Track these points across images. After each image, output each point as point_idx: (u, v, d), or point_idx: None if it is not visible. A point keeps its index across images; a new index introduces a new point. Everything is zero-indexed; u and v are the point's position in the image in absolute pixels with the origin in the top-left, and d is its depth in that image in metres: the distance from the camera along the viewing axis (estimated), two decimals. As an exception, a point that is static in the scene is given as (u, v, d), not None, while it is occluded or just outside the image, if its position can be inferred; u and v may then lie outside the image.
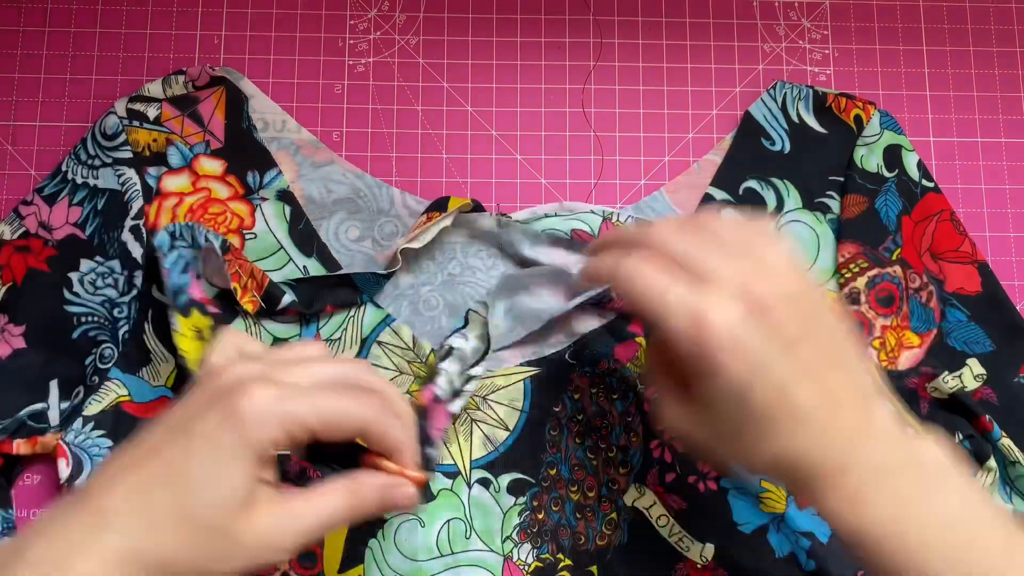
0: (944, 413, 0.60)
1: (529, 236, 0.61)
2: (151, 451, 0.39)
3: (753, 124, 0.65)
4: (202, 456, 0.38)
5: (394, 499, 0.43)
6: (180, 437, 0.39)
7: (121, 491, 0.38)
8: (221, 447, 0.38)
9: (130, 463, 0.39)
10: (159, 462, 0.39)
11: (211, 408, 0.39)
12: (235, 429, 0.38)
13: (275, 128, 0.64)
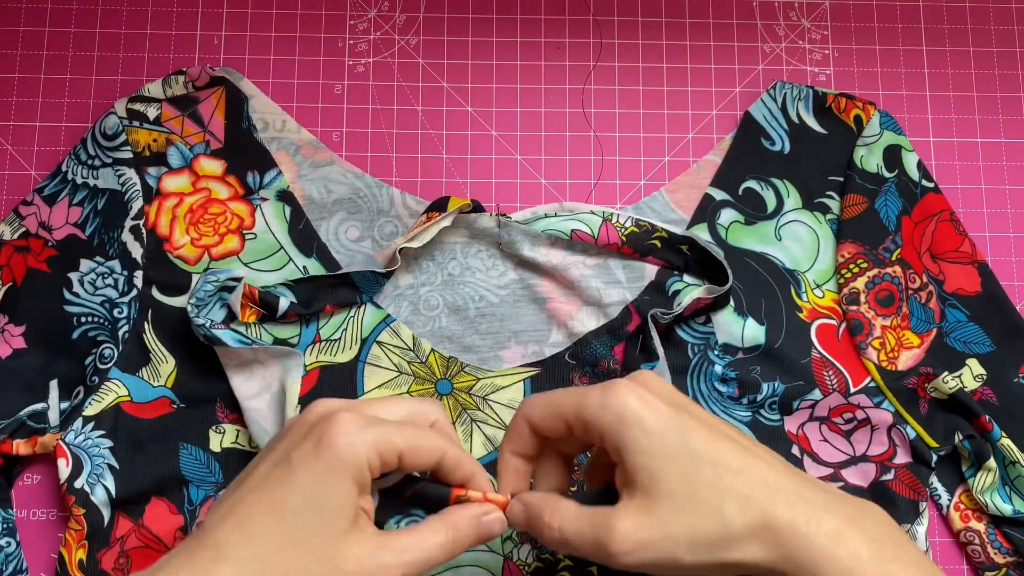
0: (944, 413, 0.61)
1: (529, 236, 0.61)
2: (256, 484, 0.42)
3: (753, 124, 0.65)
4: (302, 483, 0.41)
5: (490, 528, 0.45)
6: (280, 468, 0.41)
7: (231, 523, 0.41)
8: (318, 472, 0.41)
9: (238, 498, 0.42)
10: (262, 493, 0.41)
11: (306, 438, 0.42)
12: (329, 453, 0.41)
13: (275, 128, 0.64)
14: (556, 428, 0.45)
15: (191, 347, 0.59)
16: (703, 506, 0.42)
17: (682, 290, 0.61)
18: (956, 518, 0.60)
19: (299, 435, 0.42)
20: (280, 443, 0.43)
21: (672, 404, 0.44)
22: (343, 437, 0.41)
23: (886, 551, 0.42)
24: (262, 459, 0.43)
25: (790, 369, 0.60)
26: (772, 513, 0.42)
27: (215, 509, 0.42)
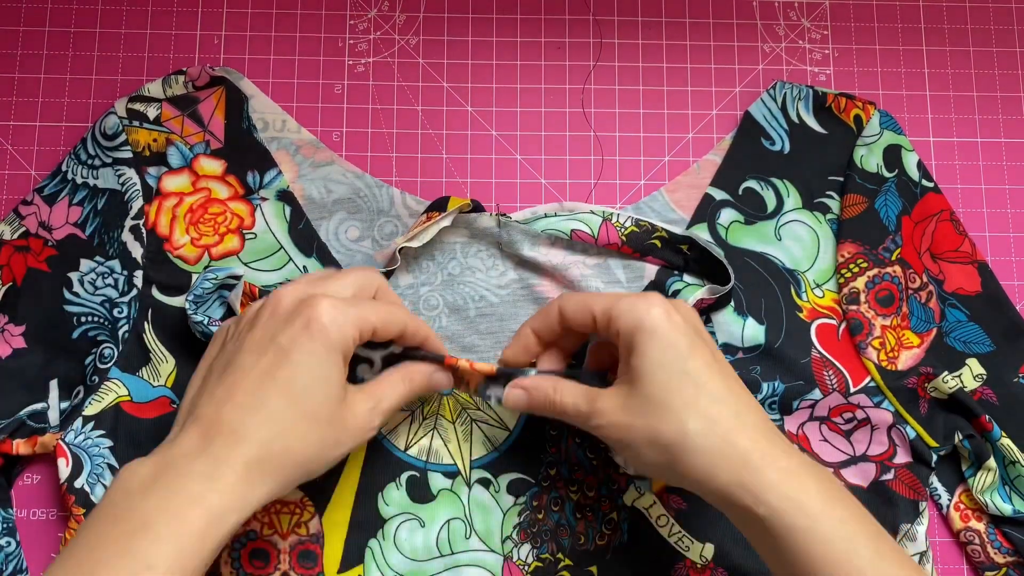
0: (944, 413, 0.61)
1: (529, 236, 0.61)
2: (250, 370, 0.46)
3: (753, 124, 0.65)
4: (301, 363, 0.46)
5: (438, 382, 0.53)
6: (270, 351, 0.46)
7: (241, 409, 0.45)
8: (315, 352, 0.46)
9: (233, 385, 0.46)
10: (265, 378, 0.46)
11: (289, 323, 0.46)
12: (321, 334, 0.46)
13: (275, 128, 0.64)
14: (583, 320, 0.51)
15: (191, 347, 0.59)
16: (670, 414, 0.46)
17: (682, 290, 0.61)
18: (956, 518, 0.60)
19: (278, 321, 0.47)
20: (254, 331, 0.48)
21: (691, 328, 0.48)
22: (329, 319, 0.46)
23: (832, 494, 0.45)
24: (238, 347, 0.48)
25: (790, 369, 0.60)
26: (732, 440, 0.46)
27: (199, 395, 0.47)
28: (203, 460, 0.44)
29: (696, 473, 0.46)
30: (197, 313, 0.57)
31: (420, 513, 0.58)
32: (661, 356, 0.47)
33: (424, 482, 0.58)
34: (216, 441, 0.45)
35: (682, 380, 0.47)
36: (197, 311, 0.57)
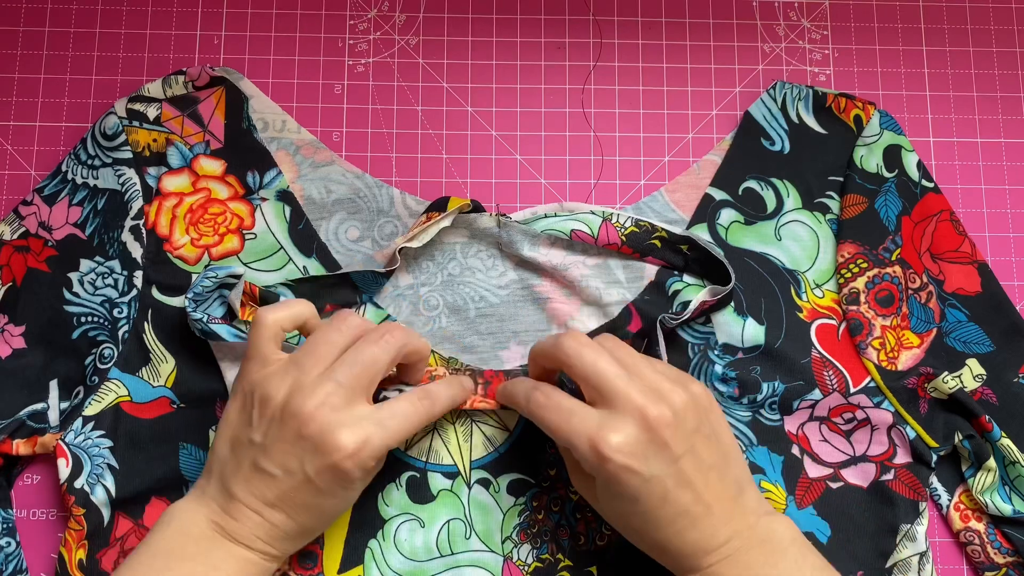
0: (944, 413, 0.61)
1: (529, 236, 0.61)
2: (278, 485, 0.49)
3: (753, 124, 0.65)
4: (326, 494, 0.50)
5: (463, 390, 0.56)
6: (296, 477, 0.49)
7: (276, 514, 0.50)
8: (341, 487, 0.50)
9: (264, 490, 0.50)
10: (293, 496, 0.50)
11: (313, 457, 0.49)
12: (344, 476, 0.49)
13: (275, 128, 0.64)
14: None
15: (191, 347, 0.59)
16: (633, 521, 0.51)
17: (682, 290, 0.61)
18: (956, 518, 0.60)
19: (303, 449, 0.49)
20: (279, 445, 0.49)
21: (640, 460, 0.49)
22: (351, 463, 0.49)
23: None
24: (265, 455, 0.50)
25: (790, 369, 0.60)
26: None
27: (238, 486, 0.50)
28: (251, 538, 0.50)
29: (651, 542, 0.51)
30: (197, 311, 0.57)
31: (420, 513, 0.58)
32: (611, 504, 0.50)
33: (424, 482, 0.58)
34: (261, 530, 0.50)
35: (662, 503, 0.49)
36: (196, 309, 0.57)
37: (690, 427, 0.49)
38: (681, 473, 0.48)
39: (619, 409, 0.48)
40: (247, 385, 0.51)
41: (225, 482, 0.50)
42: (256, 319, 0.52)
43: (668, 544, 0.49)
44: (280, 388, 0.50)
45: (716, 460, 0.50)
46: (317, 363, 0.50)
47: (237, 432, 0.51)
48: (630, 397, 0.48)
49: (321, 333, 0.52)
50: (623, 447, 0.47)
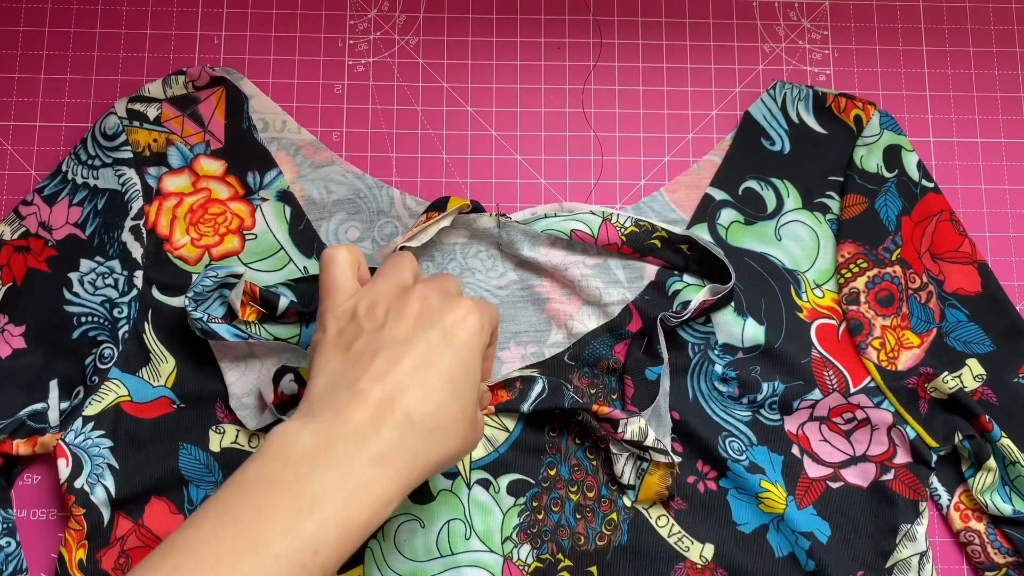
0: (944, 413, 0.61)
1: (528, 236, 0.61)
2: (405, 349, 0.45)
3: (753, 124, 0.65)
4: (460, 355, 0.46)
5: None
6: (432, 331, 0.46)
7: (399, 382, 0.44)
8: (470, 346, 0.46)
9: (390, 360, 0.45)
10: (420, 355, 0.45)
11: (444, 316, 0.46)
12: (475, 331, 0.47)
13: (275, 128, 0.64)
14: None
15: (191, 347, 0.59)
16: None
17: (682, 290, 0.61)
18: (956, 518, 0.60)
19: (435, 307, 0.47)
20: (405, 309, 0.47)
21: None
22: (477, 319, 0.47)
23: None
24: (389, 325, 0.46)
25: (790, 369, 0.60)
26: None
27: (359, 375, 0.44)
28: (374, 442, 0.42)
29: None
30: (197, 310, 0.57)
31: (420, 514, 0.58)
32: None
33: (424, 483, 0.58)
34: (387, 421, 0.43)
35: None
36: (197, 308, 0.58)
37: None
38: None
39: None
40: (341, 311, 0.49)
41: (351, 387, 0.44)
42: (328, 256, 0.50)
43: None
44: (379, 290, 0.49)
45: None
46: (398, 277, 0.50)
47: (346, 338, 0.47)
48: None
49: (391, 266, 0.51)
50: None
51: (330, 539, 0.40)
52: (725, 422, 0.59)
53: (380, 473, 0.42)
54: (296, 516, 0.40)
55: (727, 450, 0.59)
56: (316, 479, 0.41)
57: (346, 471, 0.41)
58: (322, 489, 0.41)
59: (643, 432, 0.56)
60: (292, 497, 0.40)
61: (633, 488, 0.58)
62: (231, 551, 0.39)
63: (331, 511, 0.40)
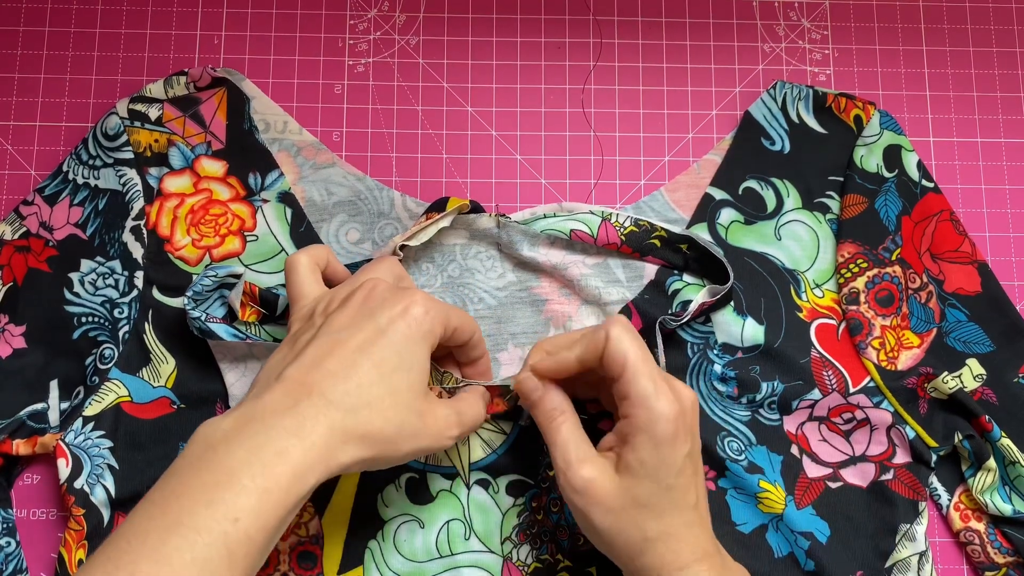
0: (944, 413, 0.61)
1: (528, 236, 0.61)
2: (342, 341, 0.47)
3: (753, 124, 0.65)
4: (396, 343, 0.47)
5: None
6: (367, 327, 0.47)
7: (333, 376, 0.46)
8: (411, 336, 0.48)
9: (323, 351, 0.47)
10: (355, 346, 0.47)
11: (387, 306, 0.48)
12: (416, 322, 0.48)
13: (276, 129, 0.64)
14: (612, 372, 0.49)
15: (192, 348, 0.59)
16: (640, 517, 0.48)
17: (682, 289, 0.61)
18: (956, 518, 0.60)
19: (377, 302, 0.49)
20: (346, 308, 0.49)
21: (689, 435, 0.49)
22: (423, 309, 0.48)
23: None
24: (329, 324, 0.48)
25: (789, 369, 0.60)
26: (676, 549, 0.48)
27: (289, 365, 0.46)
28: (289, 417, 0.44)
29: (637, 566, 0.49)
30: (196, 310, 0.57)
31: (419, 514, 0.58)
32: (656, 469, 0.48)
33: (423, 483, 0.58)
34: (303, 401, 0.45)
35: (662, 494, 0.48)
36: (196, 308, 0.58)
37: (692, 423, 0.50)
38: (685, 467, 0.49)
39: None
40: (302, 314, 0.52)
41: (267, 378, 0.47)
42: (289, 264, 0.53)
43: (664, 536, 0.48)
44: (340, 291, 0.51)
45: (699, 465, 0.51)
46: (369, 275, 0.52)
47: (294, 336, 0.50)
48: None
49: (368, 266, 0.54)
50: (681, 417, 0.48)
51: (249, 506, 0.41)
52: (724, 422, 0.59)
53: (294, 443, 0.44)
54: (214, 489, 0.42)
55: (726, 450, 0.59)
56: (231, 455, 0.43)
57: (261, 442, 0.43)
58: (238, 461, 0.42)
59: None
60: (211, 474, 0.42)
61: None
62: (158, 530, 0.41)
63: (247, 479, 0.42)
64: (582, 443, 0.50)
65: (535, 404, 0.52)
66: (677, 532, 0.48)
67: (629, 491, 0.48)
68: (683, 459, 0.48)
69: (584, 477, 0.48)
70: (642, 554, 0.48)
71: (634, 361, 0.48)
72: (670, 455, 0.48)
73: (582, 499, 0.48)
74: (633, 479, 0.48)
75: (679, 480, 0.48)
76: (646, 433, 0.47)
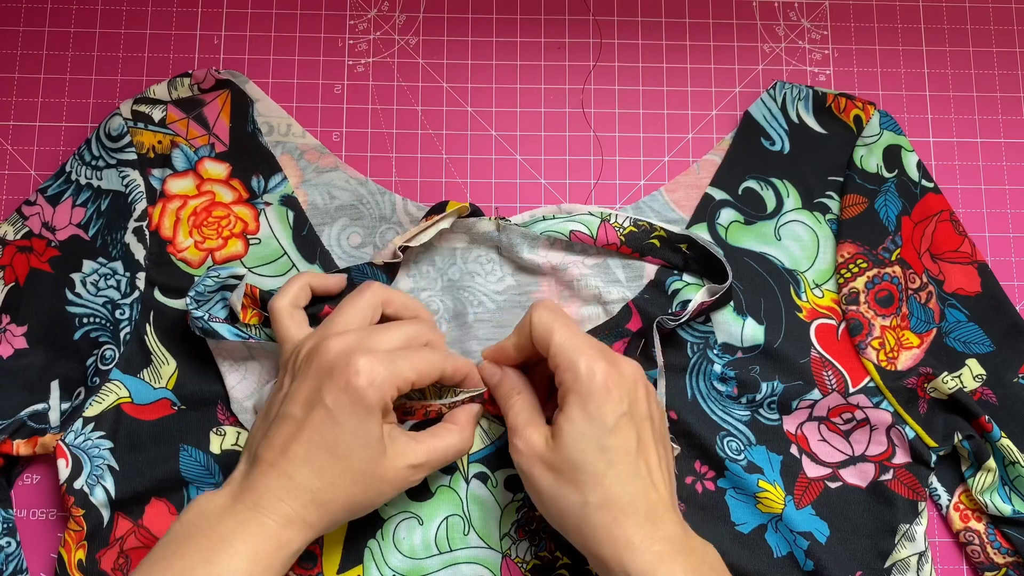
0: (944, 413, 0.61)
1: (528, 238, 0.61)
2: (300, 425, 0.50)
3: (753, 124, 0.65)
4: (344, 424, 0.49)
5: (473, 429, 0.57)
6: (317, 409, 0.50)
7: (297, 460, 0.49)
8: (356, 414, 0.49)
9: (288, 436, 0.50)
10: (313, 434, 0.49)
11: (331, 381, 0.50)
12: (359, 397, 0.49)
13: (280, 132, 0.64)
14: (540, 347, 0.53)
15: (193, 349, 0.60)
16: (578, 482, 0.49)
17: (682, 289, 0.61)
18: (956, 518, 0.60)
19: (322, 377, 0.50)
20: (304, 382, 0.51)
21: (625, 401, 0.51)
22: (366, 381, 0.49)
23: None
24: (291, 399, 0.51)
25: (789, 369, 0.60)
26: (621, 521, 0.49)
27: (260, 441, 0.51)
28: (267, 496, 0.49)
29: (583, 540, 0.50)
30: (199, 310, 0.57)
31: (418, 511, 0.58)
32: (584, 427, 0.50)
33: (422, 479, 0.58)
34: (274, 483, 0.49)
35: (597, 455, 0.49)
36: (198, 308, 0.58)
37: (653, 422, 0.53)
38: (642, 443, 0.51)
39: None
40: (283, 359, 0.55)
41: (250, 454, 0.52)
42: (270, 310, 0.56)
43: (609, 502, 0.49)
44: (308, 342, 0.53)
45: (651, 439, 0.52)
46: (343, 319, 0.54)
47: (270, 403, 0.53)
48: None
49: (347, 300, 0.56)
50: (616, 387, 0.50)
51: (242, 567, 0.47)
52: (724, 421, 0.59)
53: (274, 519, 0.49)
54: (210, 551, 0.47)
55: (725, 450, 0.59)
56: (224, 524, 0.48)
57: (247, 517, 0.49)
58: (228, 530, 0.48)
59: None
60: (206, 539, 0.48)
61: None
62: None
63: (239, 543, 0.48)
64: (531, 413, 0.53)
65: (494, 387, 0.56)
66: (620, 502, 0.49)
67: (563, 452, 0.50)
68: (617, 418, 0.49)
69: (524, 437, 0.51)
70: (585, 522, 0.49)
71: (559, 333, 0.52)
72: (598, 412, 0.49)
73: (523, 459, 0.51)
74: (566, 440, 0.50)
75: (614, 441, 0.49)
76: (573, 392, 0.50)
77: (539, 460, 0.51)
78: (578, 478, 0.49)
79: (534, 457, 0.51)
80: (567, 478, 0.50)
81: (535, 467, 0.51)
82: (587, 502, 0.49)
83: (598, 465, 0.49)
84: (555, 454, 0.50)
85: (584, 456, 0.49)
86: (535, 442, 0.51)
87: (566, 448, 0.49)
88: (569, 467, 0.49)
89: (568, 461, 0.49)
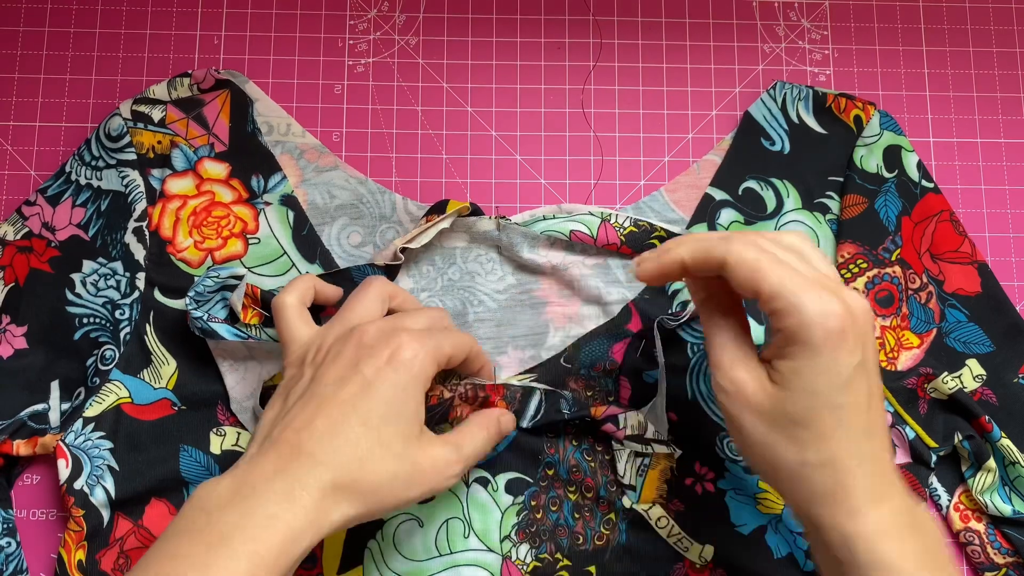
0: (944, 413, 0.61)
1: (528, 238, 0.61)
2: (327, 399, 0.47)
3: (753, 124, 0.65)
4: (383, 394, 0.47)
5: (505, 425, 0.55)
6: (353, 381, 0.47)
7: (318, 437, 0.46)
8: (398, 384, 0.47)
9: (312, 411, 0.47)
10: (341, 405, 0.47)
11: (373, 355, 0.48)
12: (404, 368, 0.48)
13: (279, 132, 0.64)
14: (747, 288, 0.44)
15: (193, 349, 0.60)
16: (800, 438, 0.43)
17: (682, 289, 0.61)
18: (956, 518, 0.60)
19: (364, 352, 0.48)
20: (337, 361, 0.49)
21: (859, 349, 0.43)
22: (411, 353, 0.48)
23: (931, 563, 0.43)
24: (318, 379, 0.48)
25: (789, 369, 0.60)
26: (845, 483, 0.43)
27: (279, 425, 0.47)
28: (280, 480, 0.45)
29: (795, 496, 0.45)
30: (198, 310, 0.57)
31: (419, 513, 0.58)
32: (815, 383, 0.43)
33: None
34: (293, 463, 0.45)
35: (826, 413, 0.43)
36: (198, 309, 0.58)
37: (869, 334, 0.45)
38: (877, 386, 0.44)
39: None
40: (293, 359, 0.52)
41: (261, 437, 0.48)
42: (276, 307, 0.54)
43: (836, 462, 0.43)
44: (330, 334, 0.51)
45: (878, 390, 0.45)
46: (357, 312, 0.53)
47: (284, 393, 0.50)
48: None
49: (355, 295, 0.54)
50: (861, 323, 0.43)
51: (241, 570, 0.42)
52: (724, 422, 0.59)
53: (284, 507, 0.44)
54: (206, 553, 0.42)
55: (726, 450, 0.59)
56: (224, 519, 0.43)
57: (252, 507, 0.44)
58: (230, 526, 0.43)
59: (642, 425, 0.57)
60: (203, 538, 0.43)
61: (634, 489, 0.58)
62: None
63: (238, 543, 0.43)
64: (740, 347, 0.46)
65: (699, 304, 0.49)
66: (846, 465, 0.43)
67: (782, 404, 0.43)
68: (851, 370, 0.42)
69: (733, 379, 0.45)
70: (801, 480, 0.44)
71: (773, 271, 0.43)
72: (832, 364, 0.42)
73: (730, 401, 0.45)
74: (786, 391, 0.43)
75: (847, 398, 0.43)
76: (800, 341, 0.42)
77: (752, 408, 0.44)
78: (799, 435, 0.43)
79: (745, 404, 0.44)
80: (785, 432, 0.44)
81: (745, 415, 0.45)
82: (806, 460, 0.43)
83: (826, 423, 0.43)
84: (774, 405, 0.44)
85: (810, 415, 0.43)
86: (747, 386, 0.44)
87: (789, 402, 0.43)
88: (790, 421, 0.43)
89: (789, 416, 0.43)
